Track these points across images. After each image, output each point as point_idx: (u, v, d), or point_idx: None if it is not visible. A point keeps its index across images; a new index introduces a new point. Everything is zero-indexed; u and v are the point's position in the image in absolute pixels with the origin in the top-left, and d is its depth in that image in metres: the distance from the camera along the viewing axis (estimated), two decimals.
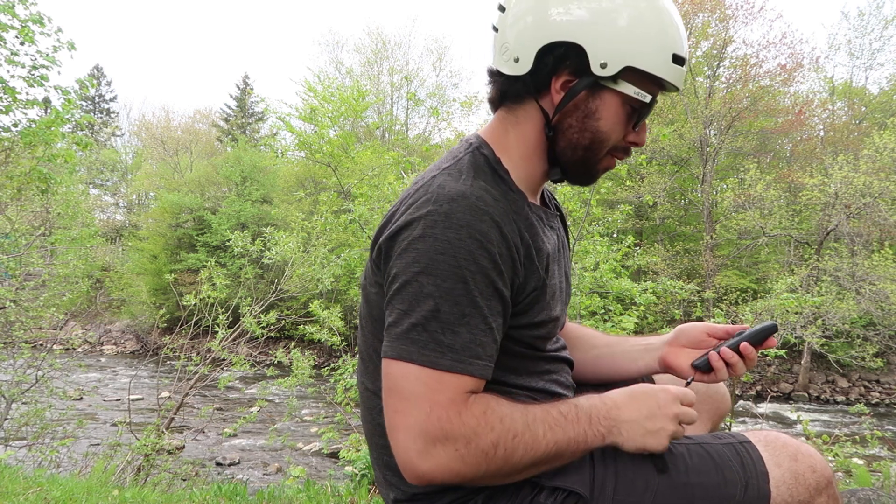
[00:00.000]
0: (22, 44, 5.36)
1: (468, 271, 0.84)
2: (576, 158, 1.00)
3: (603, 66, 0.92)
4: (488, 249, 0.85)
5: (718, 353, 1.07)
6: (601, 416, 0.90)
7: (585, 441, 0.89)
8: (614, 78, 0.94)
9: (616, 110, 0.97)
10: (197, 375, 7.08)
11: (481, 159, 0.98)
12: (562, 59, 0.94)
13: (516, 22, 0.96)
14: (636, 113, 0.98)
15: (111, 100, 41.73)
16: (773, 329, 1.07)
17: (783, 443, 0.99)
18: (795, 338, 13.26)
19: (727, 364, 1.07)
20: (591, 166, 1.02)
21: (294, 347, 8.08)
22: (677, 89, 1.00)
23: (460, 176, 0.93)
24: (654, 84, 0.97)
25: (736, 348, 1.06)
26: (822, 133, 21.21)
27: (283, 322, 8.40)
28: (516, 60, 0.96)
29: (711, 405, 1.26)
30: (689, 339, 1.14)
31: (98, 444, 7.53)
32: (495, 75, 1.02)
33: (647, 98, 0.96)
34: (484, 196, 0.89)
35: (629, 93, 0.95)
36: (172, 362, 7.41)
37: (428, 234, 0.85)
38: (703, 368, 1.08)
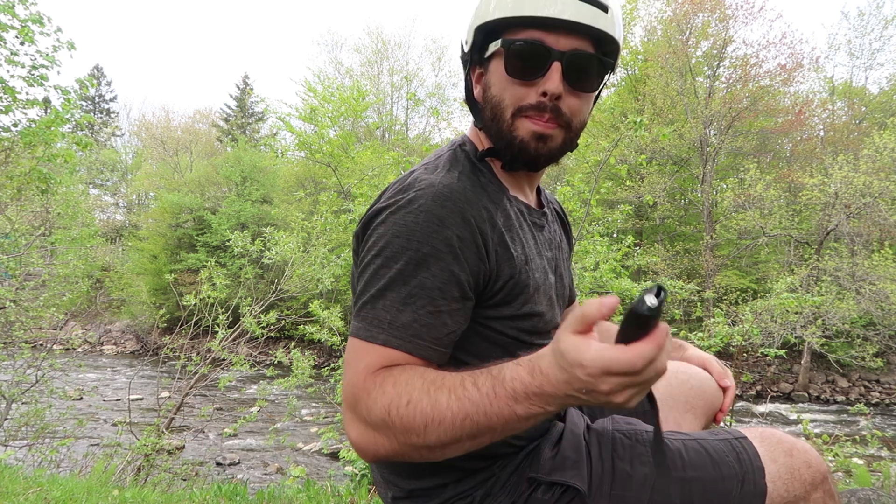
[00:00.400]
0: (22, 44, 5.36)
1: (420, 253, 0.85)
2: (492, 134, 1.00)
3: (465, 42, 1.03)
4: (445, 234, 0.86)
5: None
6: (530, 392, 0.71)
7: (515, 415, 0.73)
8: (480, 46, 1.00)
9: (498, 73, 0.97)
10: (197, 375, 7.08)
11: (462, 155, 1.02)
12: (466, 58, 1.05)
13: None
14: (511, 64, 0.93)
15: (111, 100, 41.76)
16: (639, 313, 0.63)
17: (779, 439, 1.00)
18: (795, 338, 13.27)
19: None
20: (506, 135, 0.96)
21: (294, 347, 8.07)
22: (554, 20, 0.90)
23: (435, 169, 0.96)
24: (510, 28, 0.94)
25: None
26: (822, 133, 21.20)
27: (283, 322, 8.39)
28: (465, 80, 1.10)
29: (703, 402, 1.26)
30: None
31: (98, 444, 7.53)
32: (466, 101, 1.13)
33: (497, 45, 0.95)
34: (452, 184, 0.91)
35: (492, 50, 0.97)
36: (172, 362, 7.41)
37: (389, 219, 0.88)
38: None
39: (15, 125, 5.65)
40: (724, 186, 20.59)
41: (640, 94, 20.07)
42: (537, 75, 0.93)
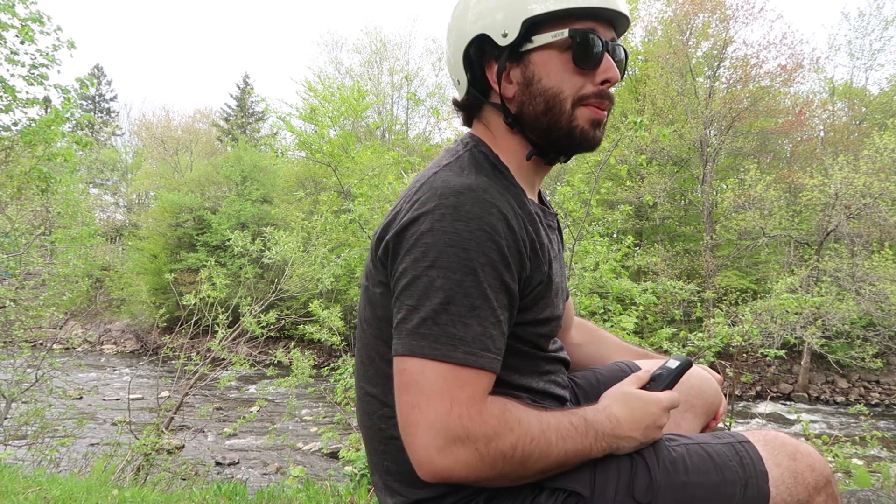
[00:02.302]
0: (22, 42, 5.36)
1: (478, 263, 0.83)
2: (543, 127, 0.98)
3: (504, 35, 0.95)
4: (497, 241, 0.85)
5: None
6: (606, 433, 0.92)
7: (589, 454, 0.91)
8: (526, 38, 0.95)
9: (552, 64, 0.95)
10: (197, 375, 7.08)
11: (480, 156, 0.99)
12: (480, 54, 0.99)
13: (448, 51, 1.05)
14: (580, 54, 0.94)
15: (111, 99, 41.78)
16: (689, 366, 1.07)
17: (782, 442, 0.99)
18: (795, 338, 13.27)
19: None
20: (564, 125, 0.97)
21: (294, 347, 8.06)
22: (610, 10, 0.95)
23: (462, 171, 0.93)
24: (570, 18, 0.94)
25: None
26: (822, 133, 21.20)
27: (282, 322, 8.39)
28: (458, 82, 1.04)
29: (703, 402, 1.25)
30: None
31: (98, 444, 7.53)
32: (455, 105, 1.09)
33: (565, 35, 0.93)
34: (489, 189, 0.89)
35: (548, 41, 0.94)
36: (172, 362, 7.41)
37: (437, 227, 0.84)
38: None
39: (15, 124, 5.66)
40: (724, 187, 20.60)
41: (641, 95, 20.07)
42: (596, 65, 0.95)
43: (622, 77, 1.02)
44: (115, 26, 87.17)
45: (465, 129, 1.12)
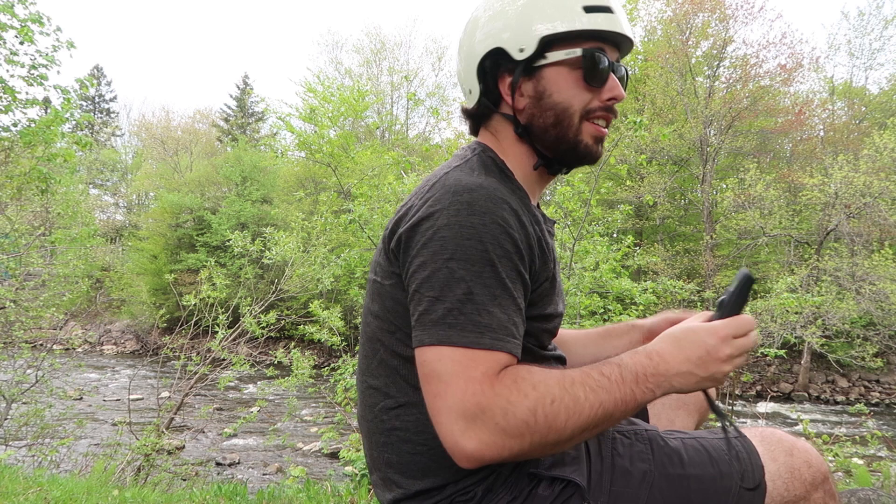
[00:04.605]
0: (21, 43, 5.37)
1: (495, 255, 0.86)
2: (551, 139, 1.03)
3: (521, 50, 1.00)
4: (511, 234, 0.88)
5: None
6: (648, 374, 0.87)
7: (635, 400, 0.86)
8: (540, 54, 0.99)
9: (563, 80, 1.00)
10: (197, 375, 7.08)
11: (489, 160, 1.03)
12: (495, 66, 1.03)
13: (460, 63, 1.10)
14: (590, 72, 1.00)
15: (111, 100, 41.80)
16: (749, 279, 0.93)
17: (779, 438, 1.00)
18: (795, 338, 13.26)
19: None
20: (571, 139, 1.02)
21: (294, 347, 8.07)
22: (618, 34, 1.01)
23: (473, 172, 0.97)
24: (581, 39, 1.00)
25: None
26: (822, 133, 21.20)
27: (283, 322, 8.40)
28: (470, 92, 1.08)
29: (696, 399, 1.27)
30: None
31: (98, 444, 7.54)
32: (464, 113, 1.13)
33: (577, 53, 0.98)
34: (499, 188, 0.92)
35: (561, 58, 0.99)
36: (172, 362, 7.41)
37: (453, 222, 0.87)
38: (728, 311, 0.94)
39: (15, 125, 5.66)
40: (724, 186, 20.60)
41: (640, 94, 20.06)
42: (604, 82, 1.01)
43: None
44: (115, 26, 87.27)
45: (465, 129, 1.15)
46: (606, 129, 1.05)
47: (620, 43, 1.04)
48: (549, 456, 0.97)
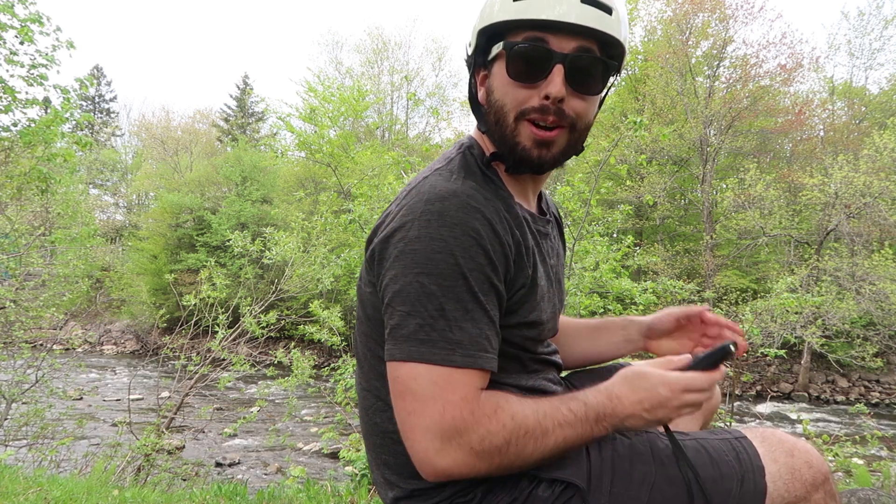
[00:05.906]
0: (21, 43, 5.36)
1: (467, 268, 0.85)
2: (497, 139, 0.99)
3: (470, 45, 1.02)
4: (483, 245, 0.87)
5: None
6: (607, 414, 0.90)
7: (592, 435, 0.91)
8: (483, 49, 0.99)
9: (500, 76, 0.96)
10: (197, 375, 7.08)
11: (471, 160, 1.00)
12: (468, 65, 1.05)
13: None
14: (512, 66, 0.93)
15: (111, 100, 41.77)
16: (727, 350, 0.94)
17: (779, 439, 1.00)
18: (795, 338, 13.26)
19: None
20: (509, 140, 0.96)
21: (294, 347, 8.07)
22: (560, 23, 0.90)
23: (451, 176, 0.94)
24: (513, 31, 0.93)
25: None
26: (822, 133, 21.20)
27: (283, 322, 8.39)
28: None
29: None
30: (663, 331, 1.26)
31: (98, 444, 7.54)
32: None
33: (499, 47, 0.94)
34: (475, 195, 0.90)
35: (495, 53, 0.97)
36: (172, 362, 7.41)
37: (423, 234, 0.86)
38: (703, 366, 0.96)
39: (14, 125, 5.65)
40: (724, 186, 20.59)
41: (640, 94, 20.07)
42: (540, 78, 0.92)
43: (602, 94, 0.99)
44: (115, 26, 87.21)
45: (465, 129, 1.14)
46: (551, 132, 0.94)
47: (578, 31, 0.90)
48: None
